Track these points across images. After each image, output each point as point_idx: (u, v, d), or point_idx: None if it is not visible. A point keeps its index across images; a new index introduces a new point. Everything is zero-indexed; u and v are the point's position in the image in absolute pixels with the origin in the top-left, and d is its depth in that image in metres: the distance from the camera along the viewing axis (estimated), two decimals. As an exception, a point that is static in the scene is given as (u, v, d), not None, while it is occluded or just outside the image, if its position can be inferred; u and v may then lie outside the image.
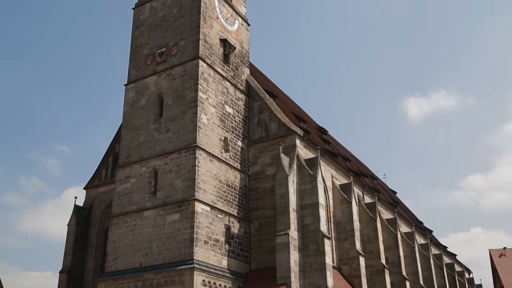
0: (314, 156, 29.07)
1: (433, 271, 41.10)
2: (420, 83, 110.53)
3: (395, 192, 56.06)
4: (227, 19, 31.78)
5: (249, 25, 34.25)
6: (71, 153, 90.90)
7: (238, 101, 30.82)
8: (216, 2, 31.05)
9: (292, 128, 29.04)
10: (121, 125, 30.74)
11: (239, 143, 29.75)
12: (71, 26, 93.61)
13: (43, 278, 74.21)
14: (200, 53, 28.23)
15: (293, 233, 25.54)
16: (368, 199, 36.20)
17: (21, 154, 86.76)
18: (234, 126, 29.69)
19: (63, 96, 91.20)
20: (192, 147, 26.12)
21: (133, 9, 32.49)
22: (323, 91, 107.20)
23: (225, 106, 29.40)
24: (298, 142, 28.74)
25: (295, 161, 27.59)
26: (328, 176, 31.35)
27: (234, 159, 28.91)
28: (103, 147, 75.84)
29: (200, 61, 28.00)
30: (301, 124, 32.48)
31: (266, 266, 26.48)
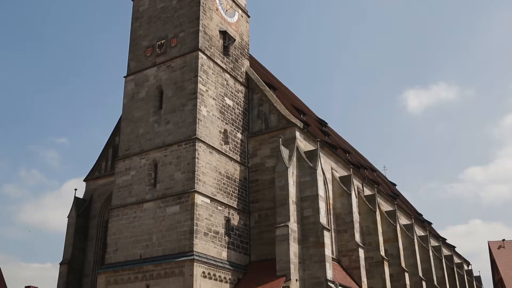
0: (314, 148, 29.08)
1: (432, 263, 41.33)
2: (420, 75, 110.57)
3: (394, 184, 56.12)
4: (226, 10, 31.63)
5: (249, 16, 34.08)
6: (71, 145, 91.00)
7: (238, 93, 30.76)
8: (216, -7, 30.89)
9: (292, 120, 29.01)
10: (120, 117, 30.70)
11: (239, 135, 29.74)
12: (70, 19, 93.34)
13: (43, 269, 74.68)
14: (200, 45, 28.14)
15: (293, 225, 25.59)
16: (367, 191, 36.27)
17: (21, 146, 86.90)
18: (233, 118, 29.66)
19: (63, 88, 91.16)
20: (192, 139, 26.10)
21: (132, 0, 32.31)
22: (323, 83, 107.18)
23: (225, 98, 29.35)
24: (298, 134, 28.73)
25: (294, 153, 27.60)
26: (327, 168, 31.37)
27: (234, 151, 28.91)
28: (102, 139, 75.82)
29: (199, 53, 27.91)
30: (301, 116, 32.46)
31: (266, 258, 26.56)
